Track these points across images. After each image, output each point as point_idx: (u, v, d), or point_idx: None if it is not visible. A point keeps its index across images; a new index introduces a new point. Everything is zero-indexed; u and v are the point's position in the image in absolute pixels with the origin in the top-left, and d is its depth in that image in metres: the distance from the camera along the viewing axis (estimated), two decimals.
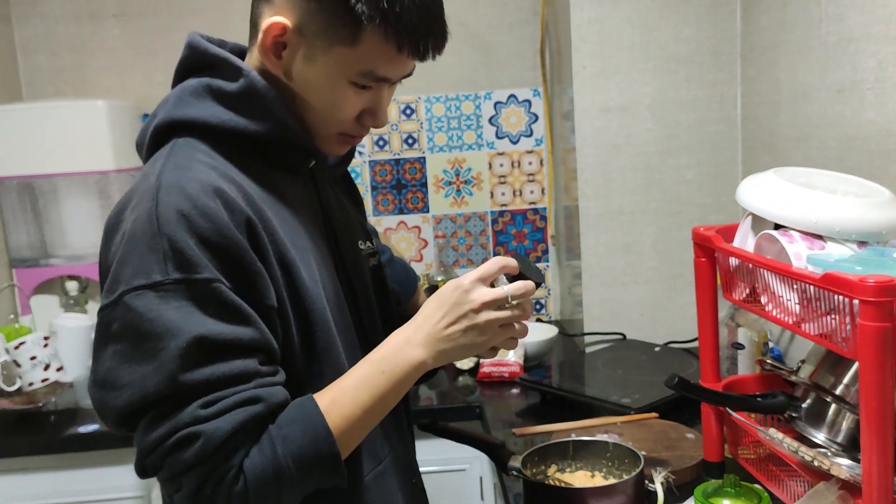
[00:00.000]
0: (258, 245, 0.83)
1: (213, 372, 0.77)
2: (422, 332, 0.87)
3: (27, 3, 2.14)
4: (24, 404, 1.75)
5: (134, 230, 0.79)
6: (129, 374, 0.77)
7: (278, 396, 0.81)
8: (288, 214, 0.91)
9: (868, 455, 0.85)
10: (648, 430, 1.39)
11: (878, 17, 1.30)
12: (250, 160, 0.90)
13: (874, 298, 0.81)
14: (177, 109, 0.89)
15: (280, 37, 0.87)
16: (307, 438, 0.80)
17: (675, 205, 1.93)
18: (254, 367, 0.80)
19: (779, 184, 1.06)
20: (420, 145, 2.24)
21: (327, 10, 0.84)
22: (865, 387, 0.84)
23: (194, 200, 0.79)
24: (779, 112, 1.68)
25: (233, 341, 0.78)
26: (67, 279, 2.00)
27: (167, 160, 0.84)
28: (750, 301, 1.13)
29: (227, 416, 0.77)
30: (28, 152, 1.93)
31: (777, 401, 1.11)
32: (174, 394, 0.76)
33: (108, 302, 0.79)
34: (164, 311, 0.76)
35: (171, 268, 0.77)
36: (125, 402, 0.77)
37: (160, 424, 0.77)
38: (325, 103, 0.89)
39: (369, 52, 0.86)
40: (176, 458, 0.77)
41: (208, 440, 0.76)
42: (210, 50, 0.90)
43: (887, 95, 1.29)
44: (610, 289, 1.97)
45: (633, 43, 1.87)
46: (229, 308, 0.79)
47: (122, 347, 0.78)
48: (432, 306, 0.88)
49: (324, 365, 0.89)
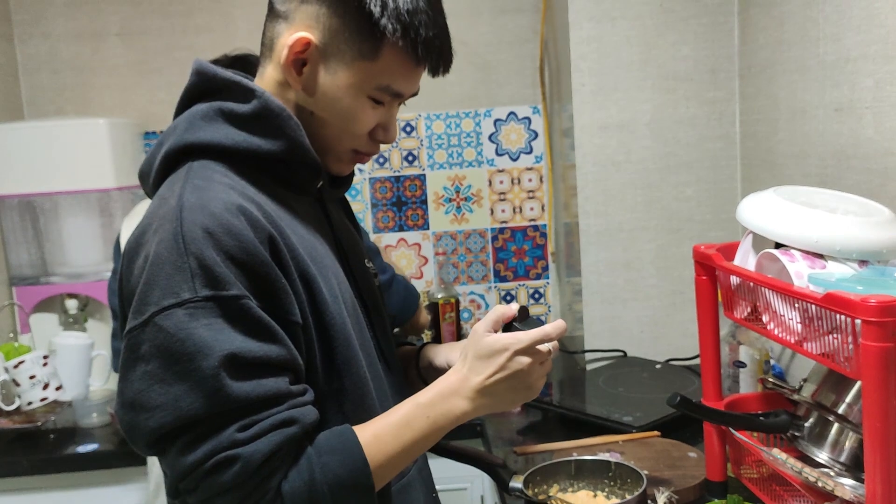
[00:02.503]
0: (281, 261, 0.84)
1: (248, 393, 0.78)
2: (469, 387, 0.89)
3: (29, 22, 2.15)
4: (22, 423, 1.75)
5: (159, 252, 0.79)
6: (162, 395, 0.77)
7: (311, 416, 0.83)
8: (304, 232, 0.92)
9: (872, 475, 0.85)
10: (650, 448, 1.38)
11: (875, 36, 1.31)
12: (263, 180, 0.91)
13: (877, 319, 0.81)
14: (189, 134, 0.89)
15: (302, 53, 0.88)
16: (345, 468, 0.82)
17: (675, 222, 1.94)
18: (285, 387, 0.81)
19: (779, 203, 1.07)
20: (420, 162, 2.25)
21: (351, 26, 0.87)
22: (869, 407, 0.84)
23: (219, 219, 0.79)
24: (777, 130, 1.69)
25: (262, 359, 0.79)
26: (67, 297, 1.99)
27: (186, 182, 0.84)
28: (751, 319, 1.13)
29: (264, 439, 0.78)
30: (29, 170, 1.93)
31: (780, 420, 1.11)
32: (208, 415, 0.77)
33: (137, 323, 0.79)
34: (195, 330, 0.76)
35: (199, 285, 0.77)
36: (158, 423, 0.77)
37: (197, 447, 0.77)
38: (343, 117, 0.91)
39: (389, 67, 0.89)
40: (213, 480, 0.77)
41: (247, 463, 0.77)
42: (220, 74, 0.91)
43: (885, 114, 1.30)
44: (610, 306, 1.97)
45: (632, 61, 1.88)
46: (258, 325, 0.79)
47: (152, 368, 0.78)
48: (479, 363, 0.89)
49: (345, 380, 0.90)
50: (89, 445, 1.67)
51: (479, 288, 2.30)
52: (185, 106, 0.93)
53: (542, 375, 0.91)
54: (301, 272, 0.86)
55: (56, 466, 1.65)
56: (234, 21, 2.17)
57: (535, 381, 0.90)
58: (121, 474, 1.63)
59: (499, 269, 2.29)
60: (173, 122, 0.92)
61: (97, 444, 1.67)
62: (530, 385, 0.90)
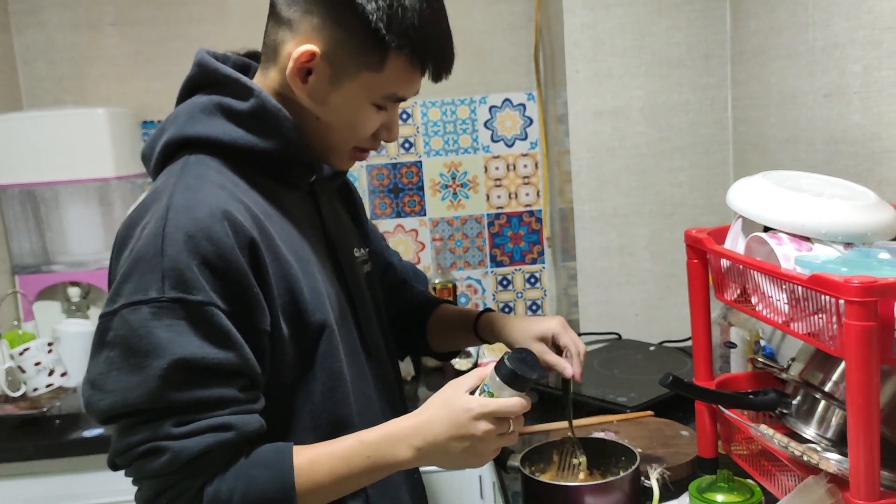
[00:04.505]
0: (259, 266, 0.87)
1: (191, 396, 0.82)
2: (420, 437, 0.88)
3: (26, 13, 2.16)
4: (28, 409, 1.77)
5: (140, 248, 0.84)
6: (115, 382, 0.82)
7: (252, 425, 0.85)
8: (291, 228, 0.95)
9: (855, 449, 0.88)
10: (644, 427, 1.42)
11: (862, 22, 1.33)
12: (256, 175, 0.94)
13: (859, 298, 0.84)
14: (188, 126, 0.92)
15: (307, 63, 0.90)
16: (272, 485, 0.85)
17: (669, 206, 1.96)
18: (231, 394, 0.84)
19: (767, 187, 1.09)
20: (416, 149, 2.27)
21: (356, 39, 0.88)
22: (851, 384, 0.87)
23: (201, 223, 0.83)
24: (768, 115, 1.72)
25: (215, 366, 0.83)
26: (69, 285, 2.02)
27: (179, 180, 0.88)
28: (741, 301, 1.16)
29: (196, 439, 0.82)
30: (29, 160, 1.95)
31: (768, 398, 1.14)
32: (151, 408, 0.82)
33: (108, 311, 0.84)
34: (154, 329, 0.81)
35: (167, 286, 0.81)
36: (107, 405, 0.83)
37: (135, 432, 0.83)
38: (348, 124, 0.94)
39: (394, 77, 0.91)
40: (142, 464, 0.83)
41: (175, 457, 0.81)
42: (221, 70, 0.93)
43: (872, 100, 1.32)
44: (605, 290, 2.00)
45: (626, 47, 1.90)
46: (218, 332, 0.83)
47: (113, 356, 0.83)
48: (438, 415, 0.88)
49: (318, 372, 0.93)
50: (94, 430, 1.69)
51: (476, 273, 2.33)
52: (186, 94, 0.96)
53: (497, 448, 0.91)
54: (282, 273, 0.90)
55: (61, 451, 1.67)
56: (228, 10, 2.17)
57: (487, 449, 0.89)
58: None
59: (495, 255, 2.32)
60: (175, 111, 0.95)
61: (102, 429, 1.69)
62: (481, 453, 0.89)
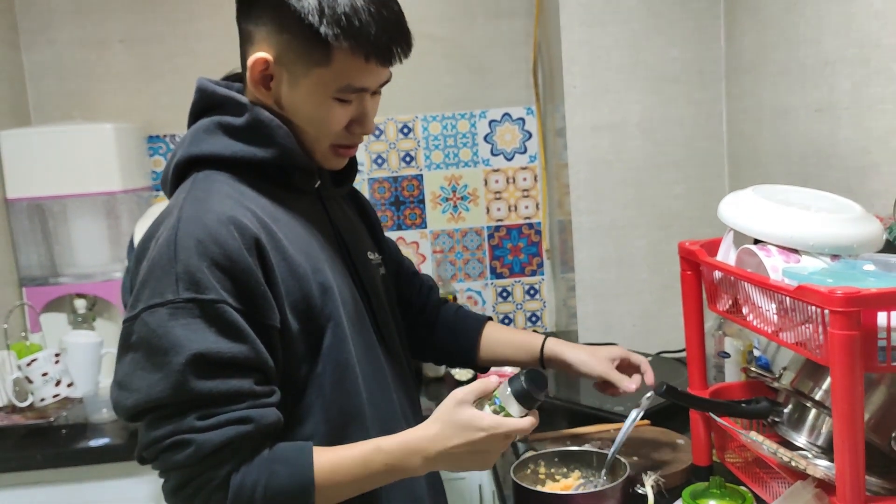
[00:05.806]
0: (265, 264, 0.92)
1: (211, 388, 0.87)
2: (435, 450, 0.94)
3: (35, 30, 2.20)
4: (35, 419, 1.80)
5: (155, 257, 0.90)
6: (140, 380, 0.88)
7: (269, 417, 0.90)
8: (300, 229, 1.00)
9: (841, 455, 0.91)
10: (641, 436, 1.44)
11: (851, 40, 1.37)
12: (262, 184, 1.00)
13: (842, 308, 0.87)
14: (193, 147, 0.99)
15: (265, 70, 0.97)
16: (292, 482, 0.90)
17: (665, 219, 1.99)
18: (248, 387, 0.89)
19: (757, 201, 1.12)
20: (417, 163, 2.30)
21: (299, 39, 0.94)
22: (836, 391, 0.90)
23: (209, 229, 0.89)
24: (762, 129, 1.75)
25: (230, 358, 0.88)
26: (76, 297, 2.05)
27: (188, 194, 0.95)
28: (733, 312, 1.19)
29: (218, 431, 0.87)
30: (38, 174, 1.98)
31: (760, 406, 1.17)
32: (175, 402, 0.87)
33: (130, 316, 0.90)
34: (172, 328, 0.87)
35: (182, 288, 0.87)
36: (133, 403, 0.88)
37: (161, 425, 0.88)
38: (314, 121, 0.99)
39: (343, 69, 0.95)
40: (168, 457, 0.88)
41: (199, 448, 0.86)
42: (217, 91, 1.00)
43: (862, 115, 1.36)
44: (603, 301, 2.02)
45: (623, 63, 1.94)
46: (231, 328, 0.88)
47: (136, 357, 0.89)
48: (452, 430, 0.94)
49: (327, 365, 0.98)
50: (100, 440, 1.72)
51: (476, 284, 2.36)
52: (192, 120, 1.03)
53: (499, 455, 0.98)
54: (290, 270, 0.95)
55: (68, 460, 1.69)
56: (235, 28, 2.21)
57: (492, 458, 0.97)
58: (131, 467, 1.68)
59: (495, 266, 2.35)
60: (183, 136, 1.03)
61: (108, 439, 1.72)
62: (486, 461, 0.97)
